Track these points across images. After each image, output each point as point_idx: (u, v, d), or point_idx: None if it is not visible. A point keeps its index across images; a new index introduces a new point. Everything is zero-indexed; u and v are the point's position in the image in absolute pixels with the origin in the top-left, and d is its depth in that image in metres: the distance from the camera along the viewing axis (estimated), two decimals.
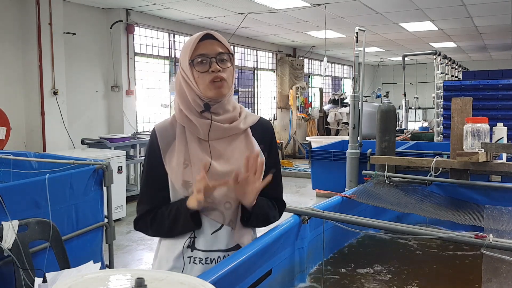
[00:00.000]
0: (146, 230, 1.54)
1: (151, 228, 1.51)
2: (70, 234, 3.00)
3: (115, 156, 5.74)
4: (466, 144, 3.15)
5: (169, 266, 1.50)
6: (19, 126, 6.08)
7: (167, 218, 1.47)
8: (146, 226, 1.53)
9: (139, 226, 1.55)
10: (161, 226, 1.49)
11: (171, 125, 1.53)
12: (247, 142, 1.53)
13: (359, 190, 3.11)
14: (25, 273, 2.35)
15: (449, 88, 6.95)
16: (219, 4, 7.18)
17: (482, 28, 9.66)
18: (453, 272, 2.54)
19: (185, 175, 1.47)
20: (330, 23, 8.60)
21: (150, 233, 1.54)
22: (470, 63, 16.19)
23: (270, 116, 12.26)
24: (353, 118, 5.95)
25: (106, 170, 3.27)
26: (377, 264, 2.53)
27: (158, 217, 1.49)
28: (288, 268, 2.13)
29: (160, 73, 8.51)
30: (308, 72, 14.03)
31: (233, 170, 1.48)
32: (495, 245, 1.72)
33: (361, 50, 6.03)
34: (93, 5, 7.06)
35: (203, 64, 1.45)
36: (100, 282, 1.01)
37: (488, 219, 2.63)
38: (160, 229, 1.50)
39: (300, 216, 2.19)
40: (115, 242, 4.10)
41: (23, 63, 6.12)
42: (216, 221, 1.49)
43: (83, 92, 7.03)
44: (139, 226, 1.55)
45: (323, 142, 8.49)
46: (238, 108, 1.56)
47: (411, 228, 2.01)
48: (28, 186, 2.76)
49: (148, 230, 1.53)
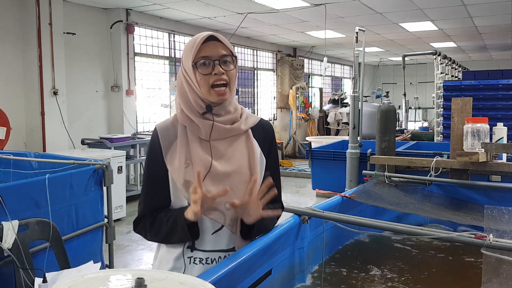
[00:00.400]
0: (144, 234, 1.54)
1: (149, 232, 1.51)
2: (70, 234, 2.99)
3: (115, 156, 5.74)
4: (466, 144, 3.15)
5: (169, 267, 1.50)
6: (19, 126, 6.08)
7: (165, 226, 1.47)
8: (144, 230, 1.53)
9: (138, 229, 1.55)
10: (159, 233, 1.49)
11: (172, 125, 1.54)
12: (247, 143, 1.54)
13: (359, 190, 3.11)
14: (25, 273, 2.35)
15: (449, 88, 6.95)
16: (219, 4, 7.18)
17: (482, 28, 9.66)
18: (453, 272, 2.54)
19: (186, 174, 1.47)
20: (330, 23, 8.60)
21: (148, 237, 1.54)
22: (470, 63, 16.19)
23: (270, 116, 12.26)
24: (353, 118, 5.95)
25: (106, 170, 3.27)
26: (377, 264, 2.53)
27: (156, 223, 1.49)
28: (288, 268, 2.13)
29: (160, 73, 8.51)
30: (308, 72, 14.03)
31: (233, 171, 1.49)
32: (495, 245, 1.73)
33: (361, 50, 6.03)
34: (93, 5, 7.06)
35: (206, 66, 1.45)
36: (100, 282, 1.01)
37: (488, 219, 2.63)
38: (158, 235, 1.50)
39: (300, 216, 2.19)
40: (115, 242, 4.10)
41: (23, 63, 6.12)
42: (216, 221, 1.49)
43: (83, 92, 7.03)
44: (138, 229, 1.55)
45: (323, 142, 8.49)
46: (239, 109, 1.56)
47: (411, 228, 2.01)
48: (28, 186, 2.76)
49: (146, 235, 1.54)
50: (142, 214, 1.54)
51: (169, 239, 1.49)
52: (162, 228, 1.47)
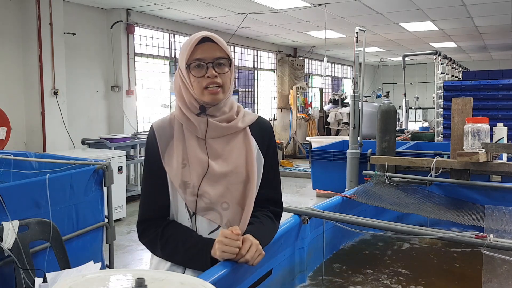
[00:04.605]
0: (153, 250, 1.52)
1: (161, 252, 1.48)
2: (71, 234, 2.99)
3: (115, 156, 5.74)
4: (466, 144, 3.15)
5: (167, 266, 1.50)
6: (20, 126, 6.08)
7: (181, 252, 1.44)
8: (153, 246, 1.50)
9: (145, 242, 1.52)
10: (172, 256, 1.47)
11: (169, 124, 1.53)
12: (245, 141, 1.52)
13: (360, 190, 3.11)
14: (26, 273, 2.35)
15: (450, 88, 6.94)
16: (219, 4, 7.18)
17: (482, 28, 9.66)
18: (453, 272, 2.54)
19: (183, 175, 1.47)
20: (330, 23, 8.60)
21: (158, 255, 1.52)
22: (470, 63, 16.19)
23: (271, 116, 12.26)
24: (353, 118, 5.95)
25: (106, 170, 3.27)
26: (377, 264, 2.53)
27: (169, 244, 1.46)
28: (288, 268, 2.13)
29: (160, 73, 8.51)
30: (308, 72, 14.03)
31: (230, 171, 1.48)
32: (496, 245, 1.73)
33: (361, 50, 6.03)
34: (93, 5, 7.06)
35: (199, 68, 1.44)
36: (101, 282, 1.01)
37: (489, 219, 2.63)
38: (171, 258, 1.48)
39: (300, 216, 2.19)
40: (116, 242, 4.09)
41: (23, 63, 6.12)
42: (213, 222, 1.48)
43: (83, 92, 7.03)
44: (145, 242, 1.52)
45: (323, 142, 8.48)
46: (235, 108, 1.55)
47: (412, 228, 2.01)
48: (29, 186, 2.76)
49: (155, 251, 1.51)
50: (145, 217, 1.52)
51: (183, 264, 1.47)
52: (177, 252, 1.45)
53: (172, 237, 1.46)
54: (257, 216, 1.52)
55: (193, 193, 1.46)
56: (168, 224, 1.50)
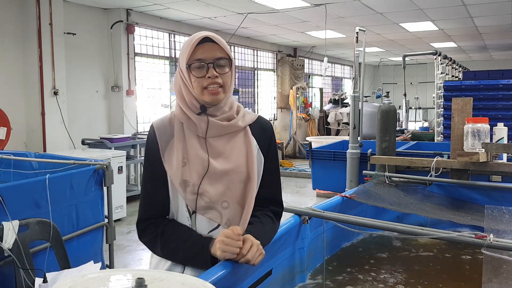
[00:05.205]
0: (153, 249, 1.53)
1: (161, 251, 1.49)
2: (71, 234, 2.99)
3: (115, 156, 5.74)
4: (466, 144, 3.15)
5: (167, 266, 1.50)
6: (20, 126, 6.08)
7: (182, 251, 1.45)
8: (153, 245, 1.50)
9: (145, 241, 1.52)
10: (173, 256, 1.47)
11: (169, 123, 1.53)
12: (246, 140, 1.53)
13: (360, 190, 3.11)
14: (26, 273, 2.35)
15: (450, 88, 6.94)
16: (219, 4, 7.18)
17: (482, 28, 9.66)
18: (453, 272, 2.54)
19: (183, 174, 1.47)
20: (330, 23, 8.59)
21: (158, 254, 1.52)
22: (470, 63, 16.18)
23: (271, 116, 12.26)
24: (353, 118, 5.95)
25: (106, 170, 3.27)
26: (377, 264, 2.53)
27: (170, 243, 1.46)
28: (289, 268, 2.13)
29: (160, 73, 8.51)
30: (308, 72, 14.03)
31: (231, 169, 1.48)
32: (496, 245, 1.73)
33: (362, 50, 6.03)
34: (93, 5, 7.06)
35: (200, 69, 1.44)
36: (101, 282, 1.01)
37: (489, 219, 2.63)
38: (172, 257, 1.48)
39: (300, 216, 2.19)
40: (116, 242, 4.10)
41: (23, 63, 6.12)
42: (213, 221, 1.48)
43: (83, 92, 7.03)
44: (145, 241, 1.52)
45: (324, 142, 8.48)
46: (235, 107, 1.55)
47: (412, 228, 2.01)
48: (29, 186, 2.76)
49: (155, 251, 1.52)
50: (144, 216, 1.52)
51: (184, 263, 1.48)
52: (178, 251, 1.45)
53: (172, 236, 1.47)
54: (257, 216, 1.52)
55: (193, 191, 1.46)
56: (168, 223, 1.50)
